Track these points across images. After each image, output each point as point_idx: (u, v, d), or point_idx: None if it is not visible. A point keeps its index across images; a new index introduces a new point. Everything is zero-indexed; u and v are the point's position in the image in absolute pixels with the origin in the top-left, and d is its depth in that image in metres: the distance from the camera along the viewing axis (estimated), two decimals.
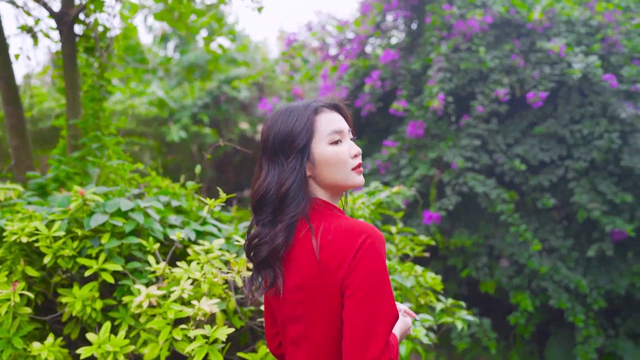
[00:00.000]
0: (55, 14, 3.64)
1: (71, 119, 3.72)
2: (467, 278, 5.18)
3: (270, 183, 1.48)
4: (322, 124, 1.50)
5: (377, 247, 1.38)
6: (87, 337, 2.19)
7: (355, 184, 1.52)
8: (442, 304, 2.75)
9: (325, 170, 1.49)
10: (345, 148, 1.51)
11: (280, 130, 1.48)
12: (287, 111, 1.52)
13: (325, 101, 1.56)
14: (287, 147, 1.47)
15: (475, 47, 4.87)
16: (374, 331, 1.34)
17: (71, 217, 2.39)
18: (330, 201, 1.54)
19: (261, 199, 1.49)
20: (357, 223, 1.43)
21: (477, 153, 4.78)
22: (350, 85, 5.57)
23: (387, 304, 1.36)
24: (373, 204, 3.13)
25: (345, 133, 1.53)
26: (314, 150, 1.48)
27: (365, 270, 1.36)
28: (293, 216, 1.46)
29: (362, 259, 1.37)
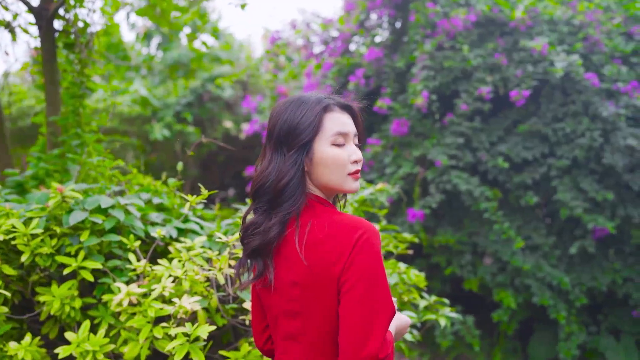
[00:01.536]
0: (34, 9, 3.59)
1: (51, 115, 3.67)
2: (451, 276, 5.19)
3: (270, 173, 1.46)
4: (329, 123, 1.48)
5: (373, 242, 1.37)
6: (65, 336, 2.15)
7: (349, 190, 1.51)
8: (425, 302, 2.75)
9: (322, 170, 1.47)
10: (347, 152, 1.49)
11: (287, 121, 1.47)
12: (298, 102, 1.50)
13: (339, 99, 1.54)
14: (291, 139, 1.46)
15: (459, 45, 4.88)
16: (371, 327, 1.33)
17: (50, 214, 2.35)
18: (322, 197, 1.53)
19: (260, 187, 1.48)
20: (351, 218, 1.41)
21: (460, 151, 4.79)
22: (334, 83, 5.56)
23: (385, 300, 1.35)
24: (357, 201, 3.12)
25: (351, 136, 1.51)
26: (315, 148, 1.46)
27: (362, 266, 1.35)
28: (289, 212, 1.45)
29: (359, 255, 1.36)
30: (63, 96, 3.67)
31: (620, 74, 4.75)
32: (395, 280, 2.69)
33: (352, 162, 1.49)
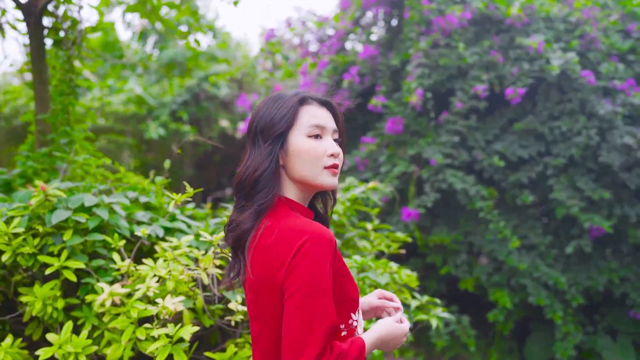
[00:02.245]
0: (22, 5, 3.53)
1: (40, 113, 3.62)
2: (447, 276, 5.14)
3: (248, 167, 1.45)
4: (305, 115, 1.47)
5: (317, 250, 1.32)
6: (47, 337, 2.11)
7: (325, 185, 1.47)
8: (417, 302, 2.70)
9: (296, 163, 1.44)
10: (323, 145, 1.46)
11: (264, 115, 1.46)
12: (275, 97, 1.50)
13: (317, 95, 1.52)
14: (266, 132, 1.44)
15: (455, 43, 4.84)
16: (308, 337, 1.29)
17: (32, 213, 2.30)
18: (297, 199, 1.49)
19: (239, 182, 1.47)
20: (303, 223, 1.37)
21: (456, 150, 4.74)
22: (328, 82, 5.51)
23: (324, 310, 1.30)
24: (348, 199, 3.08)
25: (329, 131, 1.49)
26: (290, 139, 1.44)
27: (302, 273, 1.31)
28: (262, 204, 1.42)
29: (301, 262, 1.32)
30: (52, 94, 3.62)
31: (617, 72, 4.71)
32: (386, 280, 2.64)
33: (329, 156, 1.46)
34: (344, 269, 1.43)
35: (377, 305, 1.65)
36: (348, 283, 1.43)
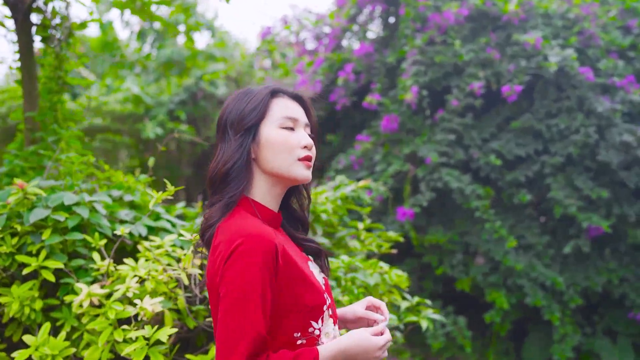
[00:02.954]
0: (9, 2, 3.48)
1: (28, 111, 3.57)
2: (444, 276, 5.08)
3: (219, 161, 1.40)
4: (277, 107, 1.43)
5: (248, 255, 1.27)
6: (23, 339, 2.05)
7: (299, 177, 1.42)
8: (407, 303, 2.64)
9: (269, 154, 1.40)
10: (296, 136, 1.42)
11: (234, 109, 1.43)
12: (245, 92, 1.46)
13: (289, 88, 1.49)
14: (236, 124, 1.41)
15: (451, 40, 4.78)
16: (233, 345, 1.24)
17: (11, 211, 2.25)
18: (268, 195, 1.44)
19: (211, 177, 1.42)
20: (244, 225, 1.32)
21: (452, 148, 4.68)
22: (324, 79, 5.46)
23: (250, 319, 1.25)
24: (339, 198, 3.02)
25: (301, 124, 1.45)
26: (262, 131, 1.41)
27: (230, 278, 1.27)
28: (232, 196, 1.38)
29: (231, 266, 1.27)
30: (41, 91, 3.56)
31: (617, 68, 4.64)
32: (376, 281, 2.58)
33: (302, 147, 1.42)
34: (298, 275, 1.36)
35: (361, 316, 1.53)
36: (303, 289, 1.35)
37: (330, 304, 1.43)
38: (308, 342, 1.36)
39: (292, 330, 1.34)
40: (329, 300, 1.42)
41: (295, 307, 1.33)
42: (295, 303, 1.33)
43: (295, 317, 1.34)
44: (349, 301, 2.36)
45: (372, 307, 1.55)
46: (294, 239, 1.54)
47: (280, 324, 1.33)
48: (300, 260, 1.43)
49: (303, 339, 1.35)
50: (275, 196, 1.45)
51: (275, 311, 1.32)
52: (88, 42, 10.58)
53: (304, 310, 1.34)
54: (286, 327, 1.33)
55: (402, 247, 5.23)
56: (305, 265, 1.43)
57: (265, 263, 1.27)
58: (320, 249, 1.54)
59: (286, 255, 1.34)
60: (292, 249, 1.44)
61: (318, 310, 1.37)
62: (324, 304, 1.38)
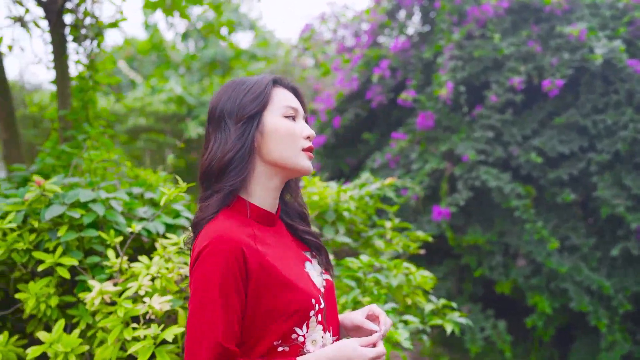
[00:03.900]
0: (43, 3, 3.55)
1: (61, 110, 3.64)
2: (484, 278, 4.90)
3: (215, 152, 1.34)
4: (278, 96, 1.40)
5: (211, 258, 1.22)
6: (38, 335, 2.06)
7: (303, 169, 1.38)
8: (432, 305, 2.53)
9: (273, 143, 1.35)
10: (299, 125, 1.40)
11: (231, 98, 1.37)
12: (240, 81, 1.41)
13: (286, 79, 1.46)
14: (237, 113, 1.35)
15: (490, 33, 4.60)
16: (196, 351, 1.21)
17: (29, 208, 2.26)
18: (263, 189, 1.38)
19: (205, 171, 1.36)
20: (216, 227, 1.27)
21: (490, 145, 4.51)
22: (361, 77, 5.36)
23: (209, 324, 1.20)
24: (366, 195, 2.92)
25: (300, 114, 1.42)
26: (266, 119, 1.36)
27: (194, 283, 1.24)
28: (232, 185, 1.32)
29: (195, 271, 1.24)
30: (73, 91, 3.62)
31: None
32: (399, 281, 2.48)
33: (305, 137, 1.39)
34: (277, 278, 1.28)
35: (358, 324, 1.43)
36: (283, 293, 1.28)
37: (320, 310, 1.34)
38: (291, 350, 1.28)
39: (273, 337, 1.27)
40: (319, 305, 1.33)
41: (275, 313, 1.26)
42: (275, 308, 1.26)
43: (276, 323, 1.26)
44: (369, 302, 2.28)
45: (372, 315, 1.45)
46: (296, 233, 1.48)
47: (261, 330, 1.26)
48: (288, 261, 1.35)
49: (285, 346, 1.28)
50: (272, 189, 1.40)
51: (255, 317, 1.26)
52: (136, 44, 10.84)
53: (284, 316, 1.27)
54: (267, 334, 1.27)
55: (441, 248, 5.09)
56: (294, 267, 1.35)
57: (228, 267, 1.22)
58: (320, 245, 1.47)
59: (261, 257, 1.27)
60: (279, 249, 1.36)
61: (302, 316, 1.29)
62: (310, 309, 1.30)
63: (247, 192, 1.38)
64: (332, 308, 1.41)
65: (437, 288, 4.84)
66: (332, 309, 1.41)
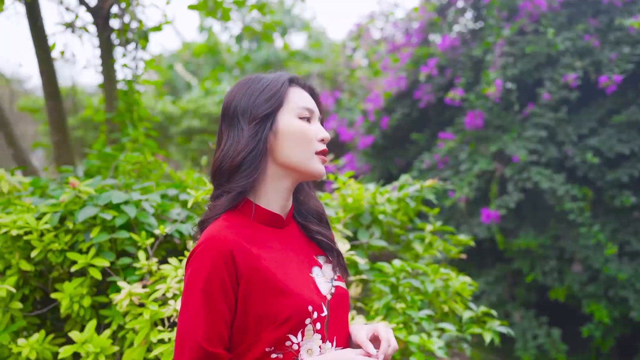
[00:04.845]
0: (92, 9, 3.65)
1: (108, 113, 3.72)
2: (537, 283, 4.69)
3: (227, 150, 1.31)
4: (295, 96, 1.35)
5: (199, 261, 1.22)
6: (70, 335, 2.09)
7: (315, 172, 1.34)
8: (470, 312, 2.42)
9: (287, 144, 1.31)
10: (314, 128, 1.35)
11: (247, 95, 1.33)
12: (256, 78, 1.37)
13: (302, 79, 1.41)
14: (250, 113, 1.31)
15: (544, 28, 4.40)
16: (178, 351, 1.21)
17: (65, 210, 2.31)
18: (272, 190, 1.34)
19: (217, 169, 1.33)
20: (211, 229, 1.27)
21: (543, 145, 4.30)
22: (409, 76, 5.25)
23: (190, 325, 1.20)
24: (405, 196, 2.83)
25: (316, 116, 1.37)
26: (280, 119, 1.32)
27: (184, 282, 1.23)
28: (242, 186, 1.29)
29: (186, 270, 1.24)
30: (119, 93, 3.70)
31: None
32: (434, 287, 2.39)
33: (319, 140, 1.34)
34: (269, 283, 1.24)
35: (359, 343, 1.34)
36: (276, 299, 1.23)
37: (321, 318, 1.28)
38: (285, 357, 1.24)
39: (265, 344, 1.23)
40: (320, 313, 1.28)
41: (266, 318, 1.23)
42: (265, 314, 1.23)
43: (268, 329, 1.23)
44: (403, 309, 2.20)
45: (377, 334, 1.35)
46: (309, 234, 1.43)
47: (253, 335, 1.23)
48: (288, 265, 1.30)
49: (279, 353, 1.23)
50: (282, 190, 1.35)
51: (246, 321, 1.23)
52: (193, 48, 11.07)
53: (276, 322, 1.22)
54: (259, 340, 1.23)
55: (492, 252, 4.91)
56: (295, 272, 1.30)
57: (214, 269, 1.20)
58: (332, 246, 1.42)
59: (254, 260, 1.24)
60: (282, 252, 1.32)
61: (296, 324, 1.24)
62: (305, 317, 1.24)
63: (256, 193, 1.34)
64: (340, 317, 1.35)
65: (487, 293, 4.68)
66: (339, 317, 1.35)
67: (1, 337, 2.14)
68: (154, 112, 7.87)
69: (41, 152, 11.02)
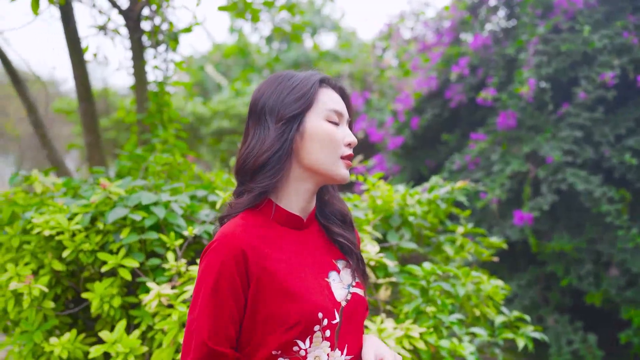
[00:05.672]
0: (123, 11, 3.68)
1: (139, 114, 3.75)
2: (572, 288, 4.58)
3: (252, 148, 1.29)
4: (324, 97, 1.32)
5: (210, 258, 1.21)
6: (100, 335, 2.11)
7: (338, 177, 1.31)
8: (503, 317, 2.36)
9: (313, 147, 1.28)
10: (341, 132, 1.32)
11: (276, 92, 1.30)
12: (287, 75, 1.34)
13: (334, 79, 1.38)
14: (278, 112, 1.29)
15: (580, 26, 4.29)
16: (185, 348, 1.22)
17: (96, 211, 2.33)
18: (293, 192, 1.32)
19: (241, 166, 1.32)
20: (226, 227, 1.26)
21: (578, 146, 4.19)
22: (439, 75, 5.18)
23: (197, 324, 1.21)
24: (436, 198, 2.79)
25: (345, 119, 1.35)
26: (308, 121, 1.29)
27: (197, 277, 1.23)
28: (265, 186, 1.27)
29: (200, 266, 1.24)
30: (149, 95, 3.73)
31: None
32: (465, 291, 2.34)
33: (346, 145, 1.32)
34: (278, 286, 1.22)
35: None
36: (284, 304, 1.21)
37: (332, 325, 1.25)
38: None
39: (271, 346, 1.22)
40: (331, 320, 1.25)
41: (273, 322, 1.21)
42: (273, 317, 1.21)
43: (275, 333, 1.21)
44: (433, 312, 2.15)
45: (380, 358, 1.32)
46: (331, 236, 1.40)
47: (261, 337, 1.22)
48: (303, 269, 1.27)
49: (286, 357, 1.22)
50: (304, 192, 1.33)
51: (254, 322, 1.23)
52: (223, 49, 11.15)
53: (283, 326, 1.21)
54: (266, 342, 1.22)
55: (525, 254, 4.81)
56: (309, 276, 1.27)
57: (225, 268, 1.19)
58: (352, 249, 1.38)
59: (266, 261, 1.23)
60: (298, 255, 1.29)
61: (304, 329, 1.21)
62: (314, 323, 1.22)
63: (278, 193, 1.33)
64: (354, 325, 1.32)
65: (520, 297, 4.58)
66: (352, 325, 1.31)
67: (34, 336, 2.17)
68: (185, 114, 7.94)
69: (76, 153, 11.23)
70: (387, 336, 1.95)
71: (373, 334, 1.79)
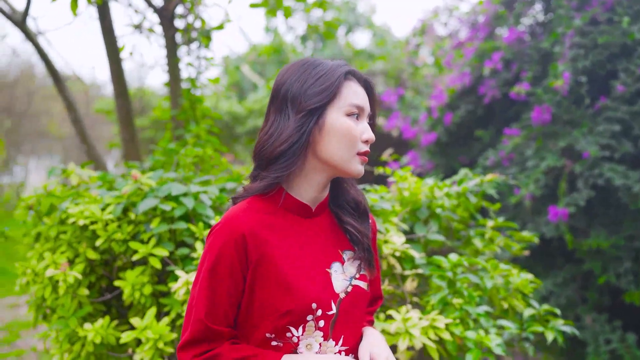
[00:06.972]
0: (157, 10, 3.77)
1: (173, 110, 3.84)
2: (610, 286, 4.46)
3: (271, 135, 1.29)
4: (347, 91, 1.30)
5: (212, 241, 1.25)
6: (130, 321, 2.17)
7: (353, 172, 1.31)
8: (532, 310, 2.33)
9: (330, 141, 1.28)
10: (360, 127, 1.31)
11: (300, 81, 1.29)
12: (314, 63, 1.32)
13: (359, 72, 1.36)
14: (301, 101, 1.27)
15: (618, 17, 4.18)
16: (186, 320, 1.27)
17: (128, 201, 2.40)
18: (305, 181, 1.33)
19: (258, 152, 1.31)
20: (233, 209, 1.29)
21: (616, 140, 4.09)
22: (473, 71, 5.12)
23: (197, 302, 1.25)
24: (465, 191, 2.77)
25: (365, 114, 1.33)
26: (328, 115, 1.28)
27: (201, 256, 1.29)
28: (277, 177, 1.27)
29: (203, 249, 1.28)
30: (183, 92, 3.81)
31: None
32: (493, 283, 2.32)
33: (363, 141, 1.31)
34: (274, 274, 1.24)
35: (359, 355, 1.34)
36: (278, 291, 1.23)
37: (328, 316, 1.27)
38: (284, 347, 1.26)
39: (265, 330, 1.25)
40: (326, 311, 1.26)
41: (267, 308, 1.24)
42: (267, 304, 1.24)
43: (270, 317, 1.24)
44: (460, 304, 2.14)
45: None
46: (341, 224, 1.40)
47: (256, 320, 1.26)
48: (304, 258, 1.28)
49: (279, 342, 1.25)
50: (316, 184, 1.33)
51: (250, 306, 1.26)
52: (259, 49, 11.27)
53: (276, 313, 1.23)
54: (260, 326, 1.25)
55: (560, 252, 4.72)
56: (309, 265, 1.28)
57: (225, 250, 1.22)
58: (359, 239, 1.38)
59: (266, 248, 1.24)
60: (301, 243, 1.30)
61: (297, 318, 1.24)
62: (307, 313, 1.24)
63: (290, 182, 1.33)
64: (352, 317, 1.32)
65: (556, 295, 4.50)
66: (351, 317, 1.31)
67: (70, 321, 2.25)
68: (220, 111, 8.06)
69: (117, 153, 11.49)
70: (412, 325, 1.95)
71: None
